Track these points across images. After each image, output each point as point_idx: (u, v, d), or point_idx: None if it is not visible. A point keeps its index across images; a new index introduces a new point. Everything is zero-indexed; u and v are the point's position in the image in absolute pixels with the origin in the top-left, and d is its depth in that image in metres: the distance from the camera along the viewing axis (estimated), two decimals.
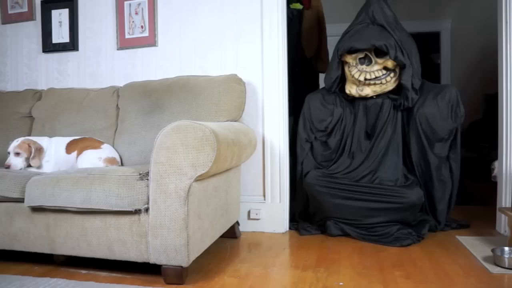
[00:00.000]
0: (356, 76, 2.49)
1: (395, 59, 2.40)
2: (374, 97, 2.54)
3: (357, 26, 2.57)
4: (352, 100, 2.61)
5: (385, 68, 2.48)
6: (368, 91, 2.50)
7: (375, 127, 2.54)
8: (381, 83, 2.48)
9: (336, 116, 2.59)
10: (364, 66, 2.50)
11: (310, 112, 2.63)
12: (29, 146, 2.23)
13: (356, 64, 2.52)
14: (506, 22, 2.35)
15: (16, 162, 2.20)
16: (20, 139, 2.26)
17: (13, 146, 2.22)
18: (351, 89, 2.54)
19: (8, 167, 2.18)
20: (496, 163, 2.51)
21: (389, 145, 2.49)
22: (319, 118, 2.61)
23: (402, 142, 2.52)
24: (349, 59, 2.54)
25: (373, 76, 2.47)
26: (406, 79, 2.42)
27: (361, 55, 2.51)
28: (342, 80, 2.63)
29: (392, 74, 2.47)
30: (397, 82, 2.50)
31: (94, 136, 2.47)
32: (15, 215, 1.93)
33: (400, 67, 2.45)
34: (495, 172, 2.49)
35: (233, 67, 2.62)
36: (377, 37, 2.44)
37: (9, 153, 2.23)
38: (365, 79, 2.47)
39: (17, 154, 2.21)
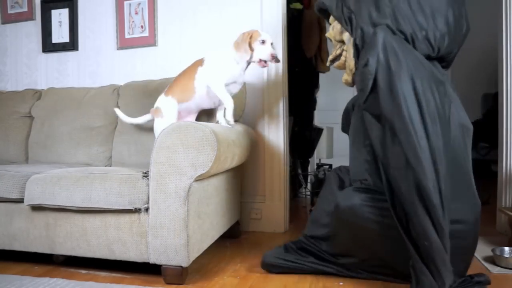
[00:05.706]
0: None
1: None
2: None
3: None
4: None
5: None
6: (344, 77, 1.77)
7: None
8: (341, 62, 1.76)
9: None
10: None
11: None
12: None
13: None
14: (507, 22, 2.35)
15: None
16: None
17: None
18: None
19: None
20: None
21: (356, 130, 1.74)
22: None
23: None
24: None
25: (331, 58, 1.80)
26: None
27: None
28: None
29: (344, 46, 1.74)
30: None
31: (92, 134, 2.46)
32: (14, 215, 1.92)
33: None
34: None
35: None
36: None
37: (263, 41, 1.96)
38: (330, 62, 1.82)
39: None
